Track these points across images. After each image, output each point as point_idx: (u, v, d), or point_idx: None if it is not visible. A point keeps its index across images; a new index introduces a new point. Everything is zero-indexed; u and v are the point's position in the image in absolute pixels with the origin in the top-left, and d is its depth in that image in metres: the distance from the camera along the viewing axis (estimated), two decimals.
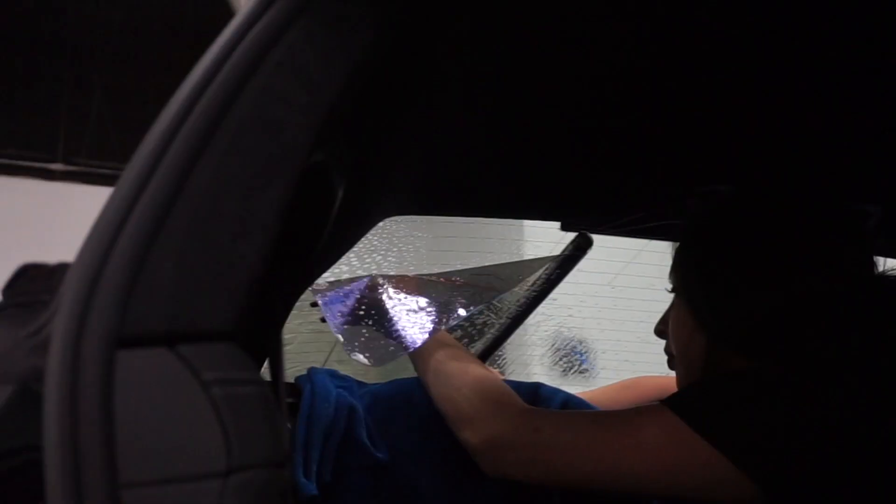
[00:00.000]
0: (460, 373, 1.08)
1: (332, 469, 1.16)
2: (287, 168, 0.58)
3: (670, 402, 0.91)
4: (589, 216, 1.50)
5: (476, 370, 1.09)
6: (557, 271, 1.55)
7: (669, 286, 1.10)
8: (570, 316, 3.07)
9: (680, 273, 1.08)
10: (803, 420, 0.85)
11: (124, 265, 0.50)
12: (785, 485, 0.84)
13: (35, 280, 0.56)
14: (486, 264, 1.36)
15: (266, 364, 0.81)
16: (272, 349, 0.77)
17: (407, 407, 1.26)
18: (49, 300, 0.53)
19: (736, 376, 0.94)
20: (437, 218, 1.45)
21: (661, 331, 1.13)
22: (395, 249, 1.44)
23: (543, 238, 1.56)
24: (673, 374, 1.15)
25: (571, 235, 1.53)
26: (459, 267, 1.38)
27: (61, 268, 0.55)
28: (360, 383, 1.33)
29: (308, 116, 0.59)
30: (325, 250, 1.08)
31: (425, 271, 1.54)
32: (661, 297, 1.17)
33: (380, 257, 1.48)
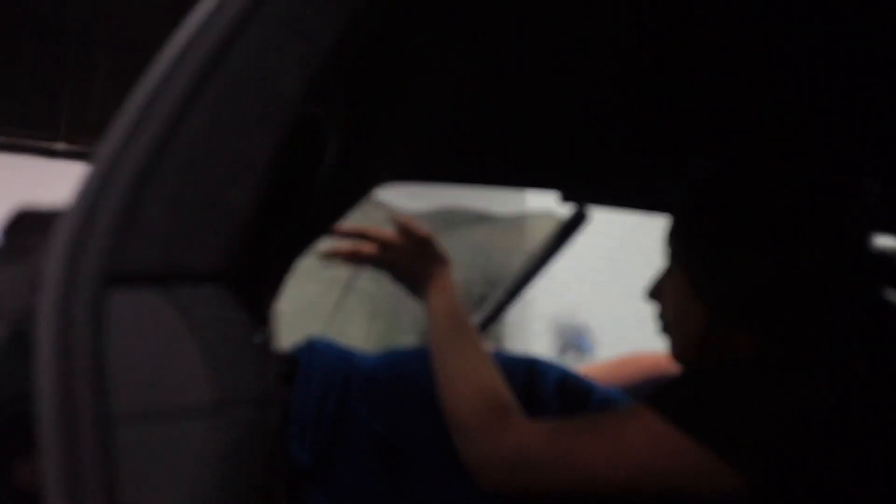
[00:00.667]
0: (462, 377, 1.07)
1: (328, 440, 1.16)
2: (280, 117, 0.58)
3: (651, 401, 0.91)
4: (589, 187, 1.50)
5: (476, 375, 1.08)
6: (553, 245, 1.54)
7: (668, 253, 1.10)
8: (569, 291, 3.07)
9: (677, 240, 1.07)
10: (788, 409, 0.85)
11: (117, 205, 0.50)
12: (770, 474, 0.84)
13: (31, 224, 0.56)
14: None
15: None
16: (265, 313, 0.77)
17: (409, 381, 1.25)
18: (45, 243, 0.53)
19: (715, 368, 0.94)
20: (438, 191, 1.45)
21: (653, 295, 1.13)
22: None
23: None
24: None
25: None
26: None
27: (57, 212, 0.55)
28: (359, 353, 1.31)
29: (302, 67, 0.60)
30: (321, 216, 1.08)
31: None
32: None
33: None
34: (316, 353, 1.23)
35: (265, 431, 0.49)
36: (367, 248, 1.20)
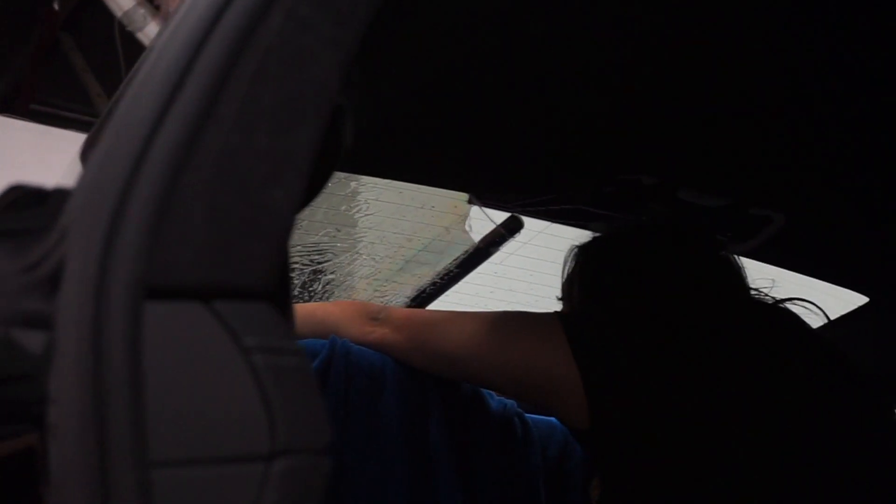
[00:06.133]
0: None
1: None
2: (317, 105, 0.50)
3: (560, 316, 1.02)
4: (498, 192, 1.48)
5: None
6: (482, 250, 1.52)
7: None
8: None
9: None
10: (649, 365, 0.94)
11: (151, 199, 0.41)
12: (607, 418, 0.93)
13: (25, 205, 0.46)
14: None
15: None
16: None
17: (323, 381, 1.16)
18: (44, 229, 0.43)
19: (620, 308, 1.05)
20: None
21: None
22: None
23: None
24: None
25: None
26: None
27: (57, 193, 0.45)
28: None
29: (336, 51, 0.52)
30: None
31: None
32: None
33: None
34: None
35: (321, 484, 0.42)
36: None
